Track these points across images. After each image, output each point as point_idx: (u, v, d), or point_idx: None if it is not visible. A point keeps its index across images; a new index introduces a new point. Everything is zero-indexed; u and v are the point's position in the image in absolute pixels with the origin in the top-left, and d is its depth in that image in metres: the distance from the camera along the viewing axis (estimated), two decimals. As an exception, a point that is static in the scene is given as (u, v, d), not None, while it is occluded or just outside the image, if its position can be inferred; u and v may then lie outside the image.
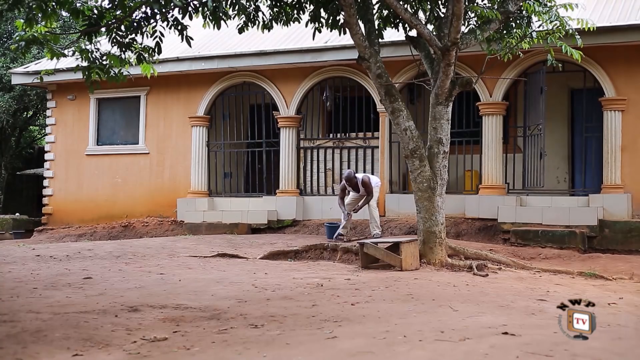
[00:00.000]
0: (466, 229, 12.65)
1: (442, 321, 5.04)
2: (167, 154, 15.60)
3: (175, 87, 15.43)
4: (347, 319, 5.28)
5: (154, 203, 15.41)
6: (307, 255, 10.01)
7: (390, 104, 9.28)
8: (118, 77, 8.94)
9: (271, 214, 14.11)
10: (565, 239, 11.58)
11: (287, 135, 14.49)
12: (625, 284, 8.08)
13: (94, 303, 5.96)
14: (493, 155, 12.96)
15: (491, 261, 9.11)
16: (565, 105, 13.97)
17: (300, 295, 6.58)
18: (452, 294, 6.59)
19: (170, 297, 6.39)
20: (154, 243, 11.79)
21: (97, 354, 4.38)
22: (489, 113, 13.09)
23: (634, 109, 12.18)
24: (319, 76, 14.34)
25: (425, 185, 9.07)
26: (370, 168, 13.92)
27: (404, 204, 12.98)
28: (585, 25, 9.47)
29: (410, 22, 8.89)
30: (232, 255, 10.02)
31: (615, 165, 12.17)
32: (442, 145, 9.20)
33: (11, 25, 20.69)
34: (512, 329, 4.57)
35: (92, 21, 8.16)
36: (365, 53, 9.28)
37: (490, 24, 9.14)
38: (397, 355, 4.02)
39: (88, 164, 16.28)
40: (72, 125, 16.46)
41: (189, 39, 8.57)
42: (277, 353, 4.24)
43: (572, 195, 13.01)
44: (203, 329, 5.07)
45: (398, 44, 12.48)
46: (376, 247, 8.83)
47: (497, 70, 12.18)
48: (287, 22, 9.95)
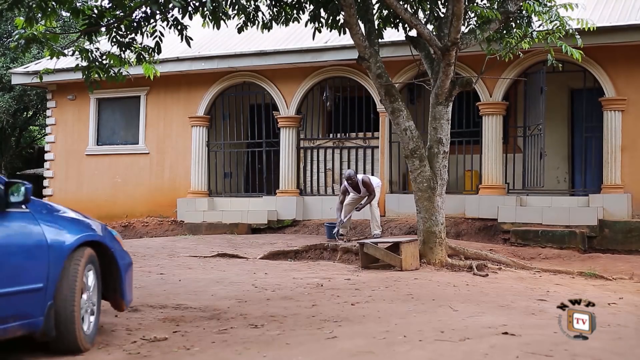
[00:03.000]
0: (466, 229, 12.65)
1: (442, 321, 5.04)
2: (167, 154, 15.59)
3: (175, 87, 15.42)
4: (347, 319, 5.28)
5: (154, 203, 15.40)
6: (307, 255, 10.01)
7: (390, 104, 9.28)
8: (118, 77, 8.94)
9: (271, 214, 14.10)
10: (565, 239, 11.58)
11: (287, 135, 14.48)
12: (625, 284, 8.08)
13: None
14: (493, 155, 12.96)
15: (491, 261, 9.10)
16: (565, 105, 13.96)
17: (300, 295, 6.58)
18: (452, 294, 6.59)
19: (170, 297, 6.39)
20: (154, 243, 11.79)
21: (97, 354, 4.38)
22: (489, 113, 13.09)
23: (634, 109, 12.18)
24: (319, 76, 14.33)
25: (425, 185, 9.07)
26: (370, 168, 13.92)
27: (404, 204, 12.97)
28: (585, 25, 9.46)
29: (410, 22, 8.89)
30: (232, 255, 10.02)
31: (615, 165, 12.16)
32: (442, 145, 9.19)
33: (11, 25, 20.67)
34: (512, 329, 4.57)
35: (92, 21, 8.15)
36: (365, 53, 9.28)
37: (490, 24, 9.14)
38: (397, 355, 4.02)
39: (88, 164, 16.27)
40: (72, 125, 16.45)
41: (188, 39, 8.57)
42: (277, 353, 4.24)
43: (572, 195, 13.01)
44: (203, 329, 5.07)
45: (398, 44, 12.47)
46: (376, 247, 8.83)
47: (497, 70, 12.17)
48: (287, 22, 9.94)
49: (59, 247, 4.32)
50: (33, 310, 4.12)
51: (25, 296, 4.09)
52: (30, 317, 4.11)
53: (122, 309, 5.06)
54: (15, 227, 4.17)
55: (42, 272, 4.18)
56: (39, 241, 4.21)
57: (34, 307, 4.13)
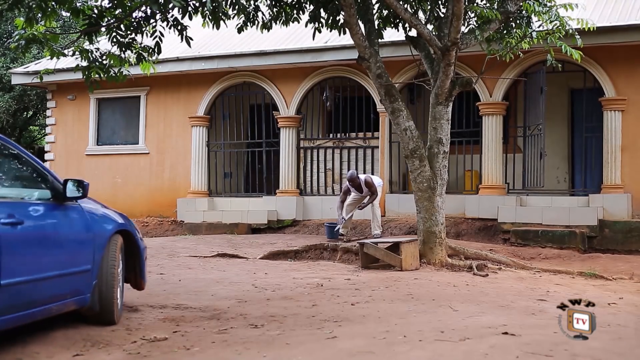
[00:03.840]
0: (466, 229, 12.65)
1: (442, 321, 5.04)
2: (167, 154, 15.59)
3: (175, 87, 15.43)
4: (347, 319, 5.28)
5: (154, 203, 15.40)
6: (307, 255, 10.01)
7: (390, 104, 9.28)
8: (118, 76, 8.94)
9: (271, 214, 14.11)
10: (565, 239, 11.58)
11: (287, 135, 14.49)
12: (625, 284, 8.08)
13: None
14: (493, 155, 12.96)
15: (491, 261, 9.11)
16: (565, 105, 13.97)
17: (300, 295, 6.59)
18: (452, 294, 6.59)
19: (170, 297, 6.39)
20: (154, 243, 11.79)
21: (97, 354, 4.38)
22: (489, 113, 13.09)
23: (634, 109, 12.18)
24: (319, 76, 14.33)
25: (425, 185, 9.07)
26: (371, 168, 13.92)
27: (404, 204, 12.97)
28: (585, 25, 9.46)
29: (410, 22, 8.89)
30: (232, 255, 10.02)
31: (615, 165, 12.16)
32: (442, 145, 9.19)
33: (11, 25, 20.68)
34: (512, 329, 4.57)
35: (92, 21, 8.15)
36: (365, 53, 9.28)
37: (490, 24, 9.14)
38: (397, 355, 4.02)
39: (88, 164, 16.27)
40: (72, 125, 16.45)
41: (188, 39, 8.57)
42: (277, 353, 4.24)
43: (572, 195, 13.01)
44: (203, 329, 5.07)
45: (398, 44, 12.47)
46: (376, 247, 8.83)
47: (497, 70, 12.17)
48: (287, 22, 9.95)
49: (102, 234, 5.11)
50: (84, 288, 4.90)
51: (78, 276, 4.85)
52: (82, 294, 4.89)
53: (142, 288, 5.81)
54: (71, 218, 4.90)
55: (90, 256, 4.95)
56: (88, 230, 5.02)
57: (84, 286, 4.91)
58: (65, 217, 4.82)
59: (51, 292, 4.59)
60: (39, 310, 4.45)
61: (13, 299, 4.14)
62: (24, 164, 4.80)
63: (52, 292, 4.60)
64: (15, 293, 4.15)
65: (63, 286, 4.69)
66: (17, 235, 4.22)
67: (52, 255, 4.61)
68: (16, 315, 4.19)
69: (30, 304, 4.34)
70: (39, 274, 4.40)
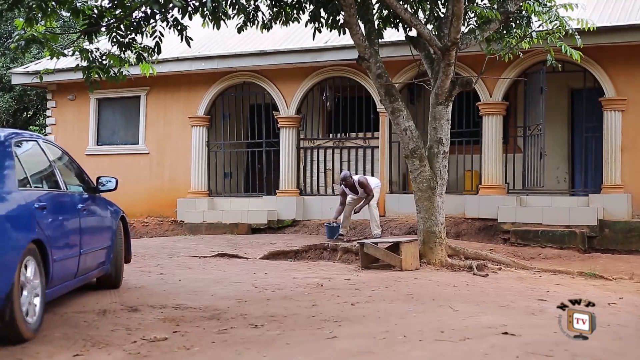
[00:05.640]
0: (466, 229, 12.64)
1: (442, 321, 5.04)
2: (167, 154, 15.59)
3: (175, 87, 15.42)
4: (347, 319, 5.28)
5: (154, 203, 15.40)
6: (307, 255, 10.01)
7: (390, 104, 9.28)
8: (118, 76, 8.93)
9: (271, 214, 14.11)
10: (565, 239, 11.58)
11: (287, 135, 14.49)
12: (625, 284, 8.08)
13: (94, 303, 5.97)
14: (493, 155, 12.96)
15: (491, 261, 9.11)
16: (565, 105, 13.96)
17: (300, 295, 6.59)
18: (452, 294, 6.59)
19: (170, 297, 6.39)
20: (154, 243, 11.79)
21: (97, 354, 4.38)
22: (489, 113, 13.09)
23: (634, 109, 12.17)
24: (319, 76, 14.33)
25: (425, 185, 9.07)
26: (370, 168, 13.92)
27: (404, 204, 12.97)
28: (585, 25, 9.46)
29: (410, 22, 8.89)
30: (232, 255, 10.02)
31: (615, 165, 12.16)
32: (442, 145, 9.19)
33: (11, 25, 20.68)
34: (512, 329, 4.57)
35: (92, 21, 8.15)
36: (365, 53, 9.28)
37: (490, 24, 9.14)
38: (397, 355, 4.02)
39: (88, 164, 16.16)
40: (72, 125, 16.44)
41: (188, 39, 8.56)
42: (277, 353, 4.24)
43: (572, 195, 13.01)
44: (203, 329, 5.07)
45: (398, 44, 12.47)
46: (376, 247, 8.83)
47: (497, 70, 12.17)
48: (287, 22, 9.94)
49: (116, 219, 6.87)
50: (107, 260, 6.54)
51: (105, 251, 6.47)
52: (105, 264, 6.53)
53: (129, 261, 7.28)
54: (101, 206, 6.63)
55: (110, 235, 6.66)
56: (109, 215, 6.75)
57: (107, 258, 6.54)
58: (102, 206, 6.61)
59: (97, 261, 6.25)
60: (89, 275, 6.13)
61: (83, 264, 5.81)
62: (73, 165, 6.49)
63: (96, 261, 6.24)
64: (84, 260, 5.81)
65: (100, 257, 6.34)
66: (85, 219, 5.98)
67: (99, 234, 6.40)
68: (83, 277, 5.93)
69: (88, 269, 6.00)
70: (94, 247, 6.11)
